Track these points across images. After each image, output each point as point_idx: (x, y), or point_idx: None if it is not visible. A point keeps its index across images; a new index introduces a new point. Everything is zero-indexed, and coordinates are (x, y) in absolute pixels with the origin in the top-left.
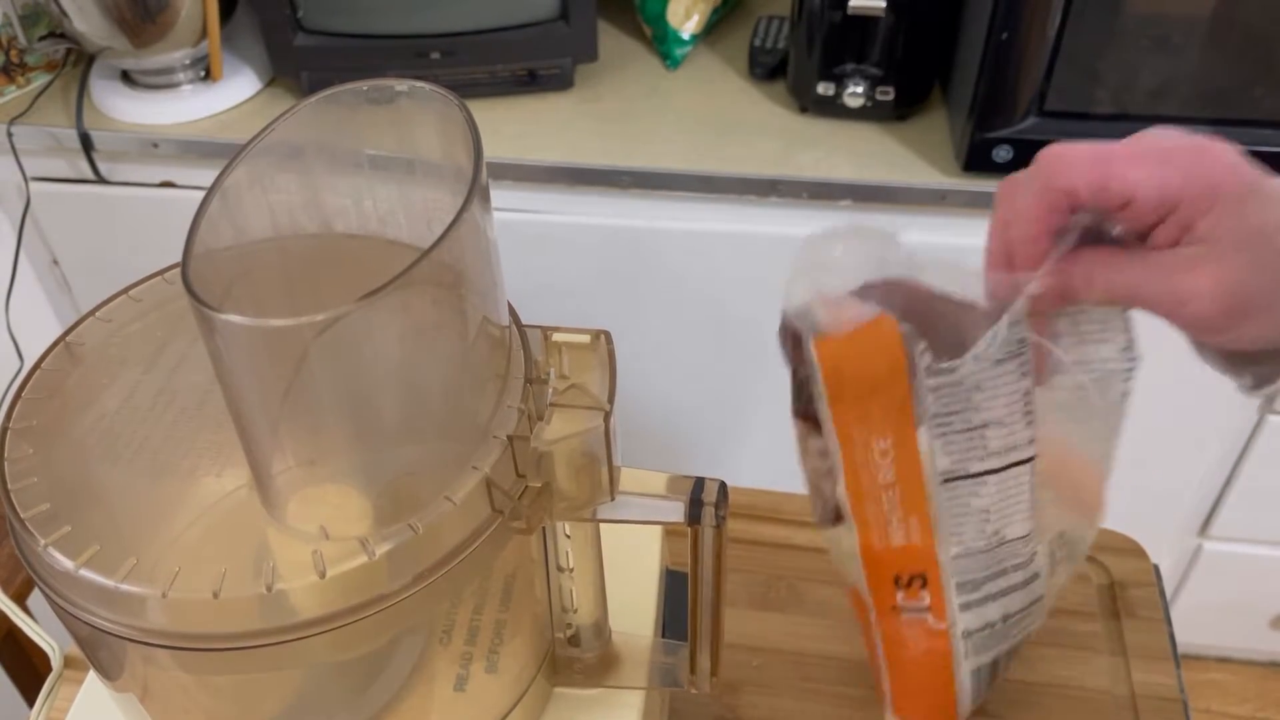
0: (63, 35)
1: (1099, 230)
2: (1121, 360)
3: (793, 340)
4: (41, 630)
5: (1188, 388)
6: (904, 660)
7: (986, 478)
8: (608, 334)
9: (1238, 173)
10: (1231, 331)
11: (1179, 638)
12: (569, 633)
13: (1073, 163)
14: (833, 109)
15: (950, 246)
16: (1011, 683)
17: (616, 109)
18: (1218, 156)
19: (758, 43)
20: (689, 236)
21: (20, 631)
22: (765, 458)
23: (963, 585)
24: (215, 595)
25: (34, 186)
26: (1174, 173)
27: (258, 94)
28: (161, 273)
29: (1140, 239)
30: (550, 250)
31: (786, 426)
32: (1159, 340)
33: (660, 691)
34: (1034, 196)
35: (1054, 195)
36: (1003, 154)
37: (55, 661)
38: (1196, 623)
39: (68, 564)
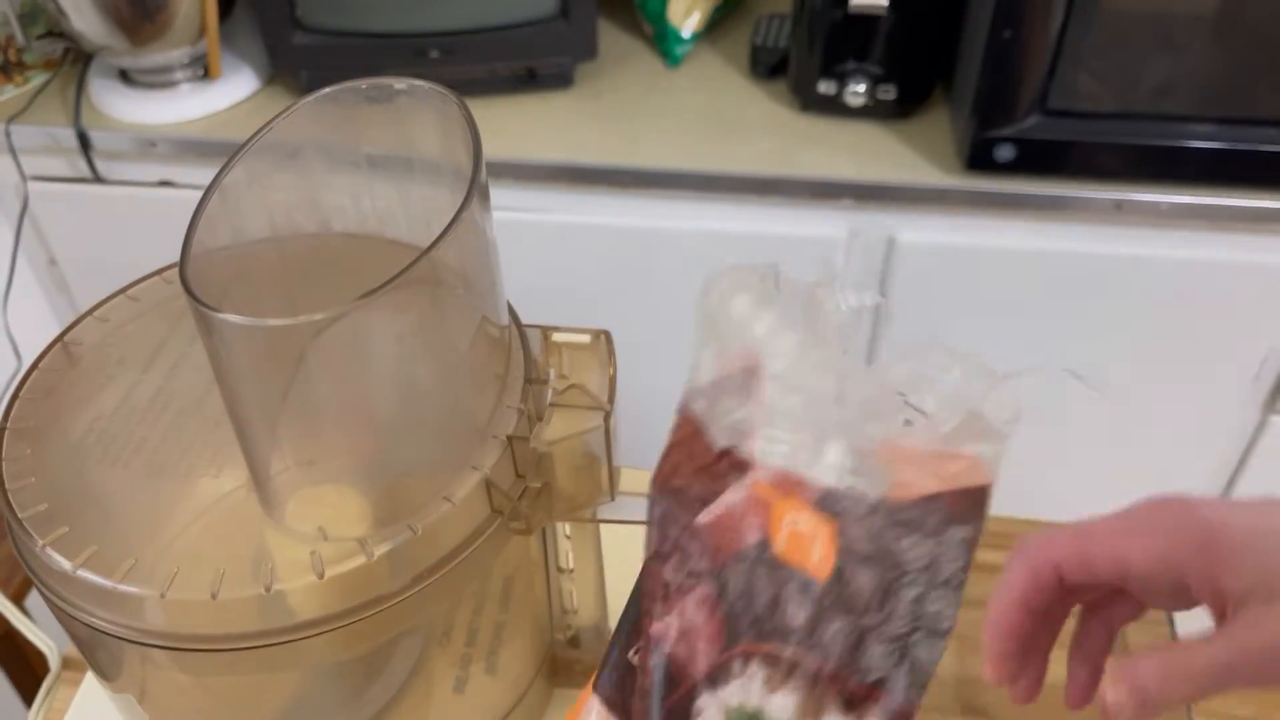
0: (61, 34)
1: None
2: None
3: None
4: (39, 631)
5: (1190, 388)
6: None
7: None
8: (608, 334)
9: (1230, 518)
10: None
11: (1180, 638)
12: (569, 634)
13: (1052, 538)
14: (834, 108)
15: (952, 246)
16: None
17: (617, 108)
18: (1196, 508)
19: (759, 41)
20: (689, 236)
21: (18, 632)
22: None
23: None
24: (213, 596)
25: (32, 186)
26: (1161, 534)
27: (256, 93)
28: (159, 272)
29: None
30: (550, 250)
31: None
32: (1160, 339)
33: None
34: (1014, 569)
35: (1035, 566)
36: (1005, 153)
37: (53, 662)
38: (1199, 623)
39: (66, 564)
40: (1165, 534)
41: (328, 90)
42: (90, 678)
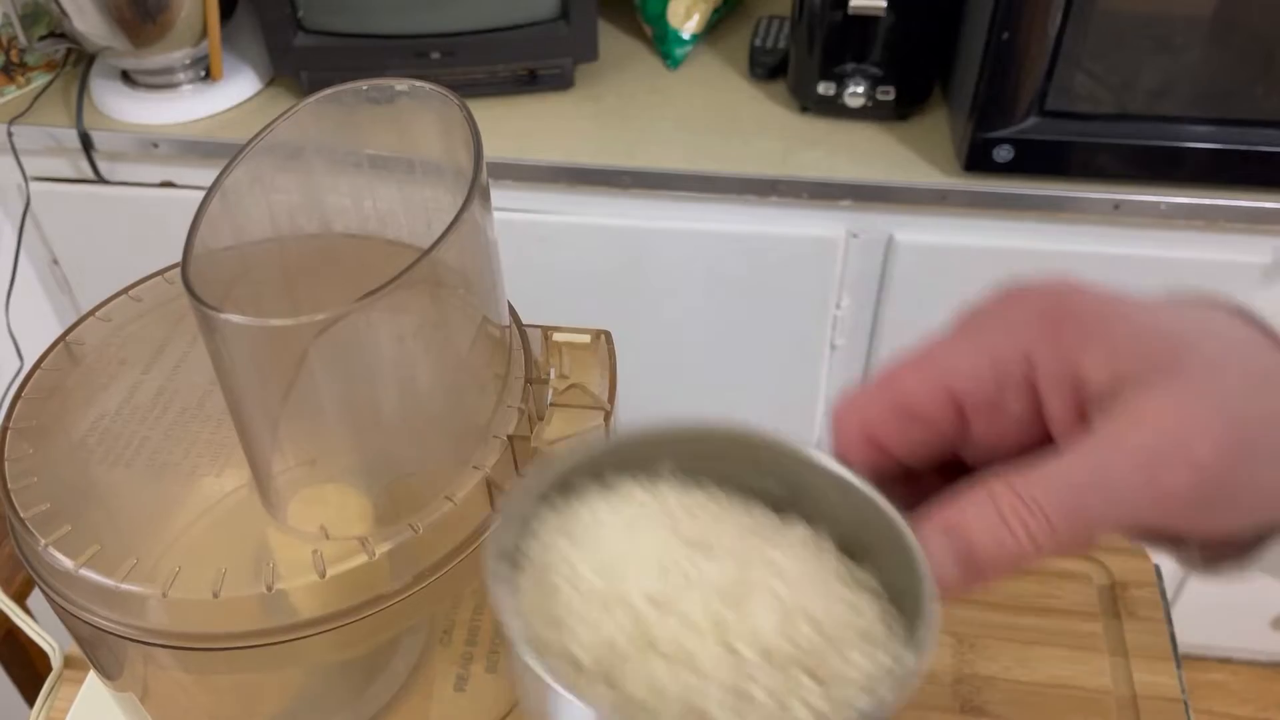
0: (63, 35)
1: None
2: None
3: None
4: (41, 630)
5: None
6: None
7: None
8: (608, 334)
9: (1086, 290)
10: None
11: (1180, 638)
12: None
13: (854, 398)
14: (833, 109)
15: (951, 246)
16: (1012, 683)
17: (617, 109)
18: (1035, 287)
19: (758, 42)
20: (689, 236)
21: (20, 631)
22: None
23: None
24: (215, 595)
25: (34, 186)
26: (992, 331)
27: (258, 94)
28: (161, 272)
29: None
30: (550, 250)
31: (788, 426)
32: None
33: None
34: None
35: (844, 443)
36: (1003, 154)
37: (55, 661)
38: (1198, 623)
39: (68, 563)
40: (998, 330)
41: (329, 91)
42: (92, 677)
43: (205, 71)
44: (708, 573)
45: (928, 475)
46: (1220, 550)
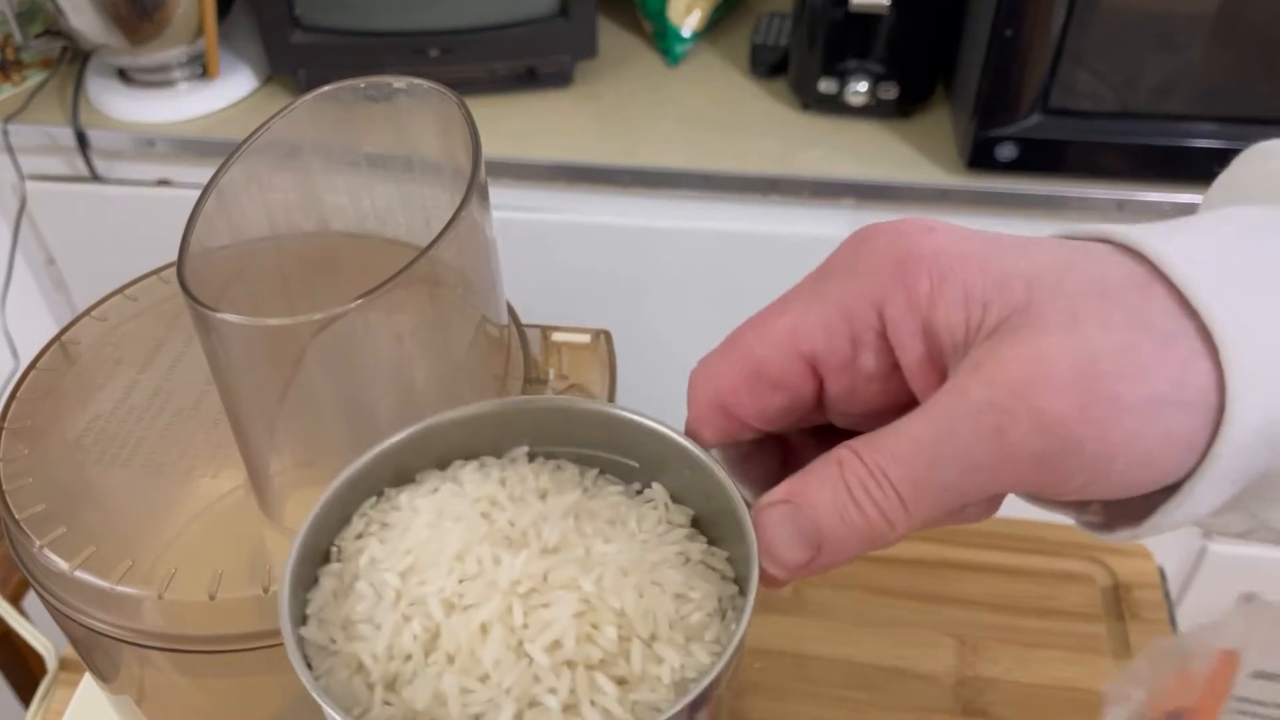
0: (58, 33)
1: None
2: None
3: None
4: (37, 632)
5: None
6: None
7: None
8: (608, 334)
9: (940, 232)
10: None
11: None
12: None
13: (706, 369)
14: (835, 107)
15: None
16: (1014, 684)
17: (616, 106)
18: (881, 231)
19: (759, 40)
20: (689, 236)
21: (15, 633)
22: None
23: None
24: (211, 597)
25: (30, 185)
26: (841, 281)
27: (255, 92)
28: (157, 271)
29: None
30: (550, 250)
31: None
32: None
33: None
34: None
35: (699, 420)
36: (1007, 152)
37: (50, 663)
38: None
39: (63, 565)
40: (848, 282)
41: (326, 89)
42: (88, 679)
43: (202, 69)
44: (510, 570)
45: (802, 444)
46: (1118, 514)
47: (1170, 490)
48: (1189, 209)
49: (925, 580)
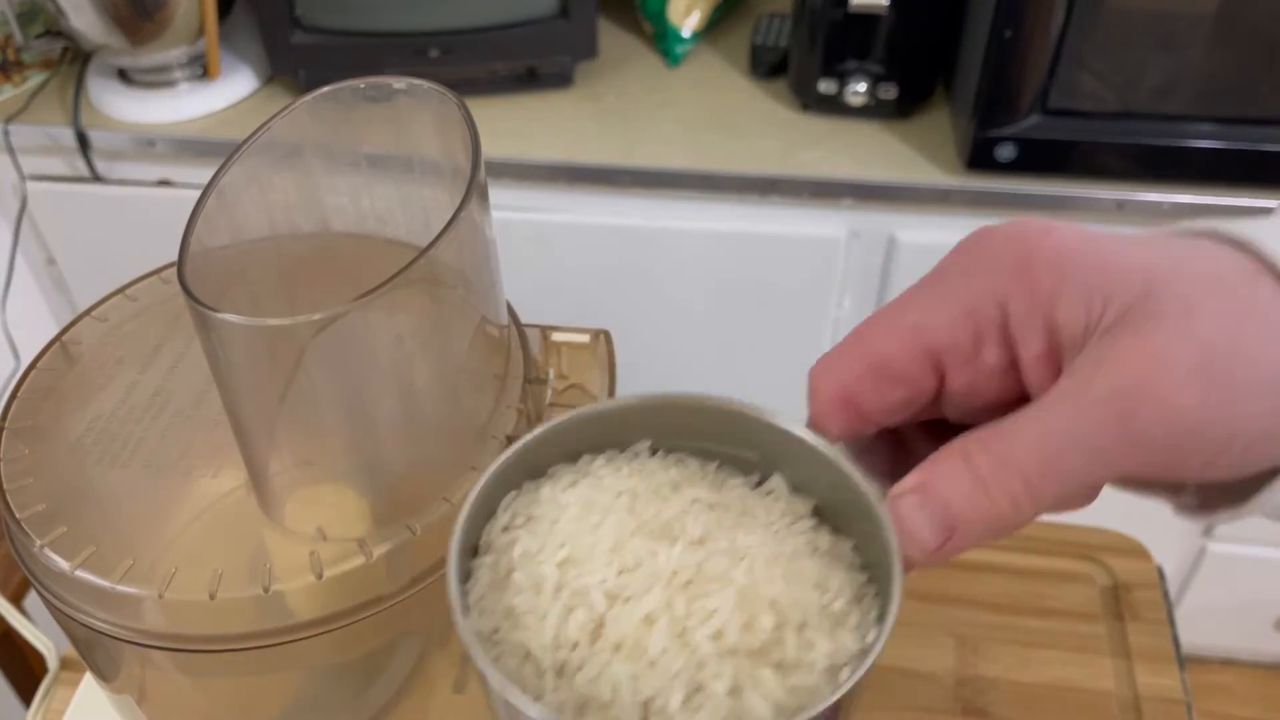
0: (59, 33)
1: None
2: None
3: None
4: (38, 631)
5: None
6: None
7: None
8: (608, 334)
9: (1057, 230)
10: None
11: (1183, 640)
12: None
13: (829, 366)
14: (834, 107)
15: (953, 245)
16: (1014, 684)
17: (616, 107)
18: (1003, 230)
19: (759, 40)
20: (689, 236)
21: (16, 632)
22: None
23: None
24: (211, 596)
25: (30, 185)
26: (962, 286)
27: (255, 92)
28: (158, 272)
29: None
30: (550, 250)
31: None
32: None
33: None
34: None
35: (822, 413)
36: (1006, 152)
37: (51, 662)
38: (1201, 625)
39: (64, 564)
40: (970, 279)
41: (326, 89)
42: (89, 678)
43: (202, 70)
44: (666, 562)
45: (914, 438)
46: (1216, 496)
47: (1274, 472)
48: (1188, 209)
49: (925, 580)
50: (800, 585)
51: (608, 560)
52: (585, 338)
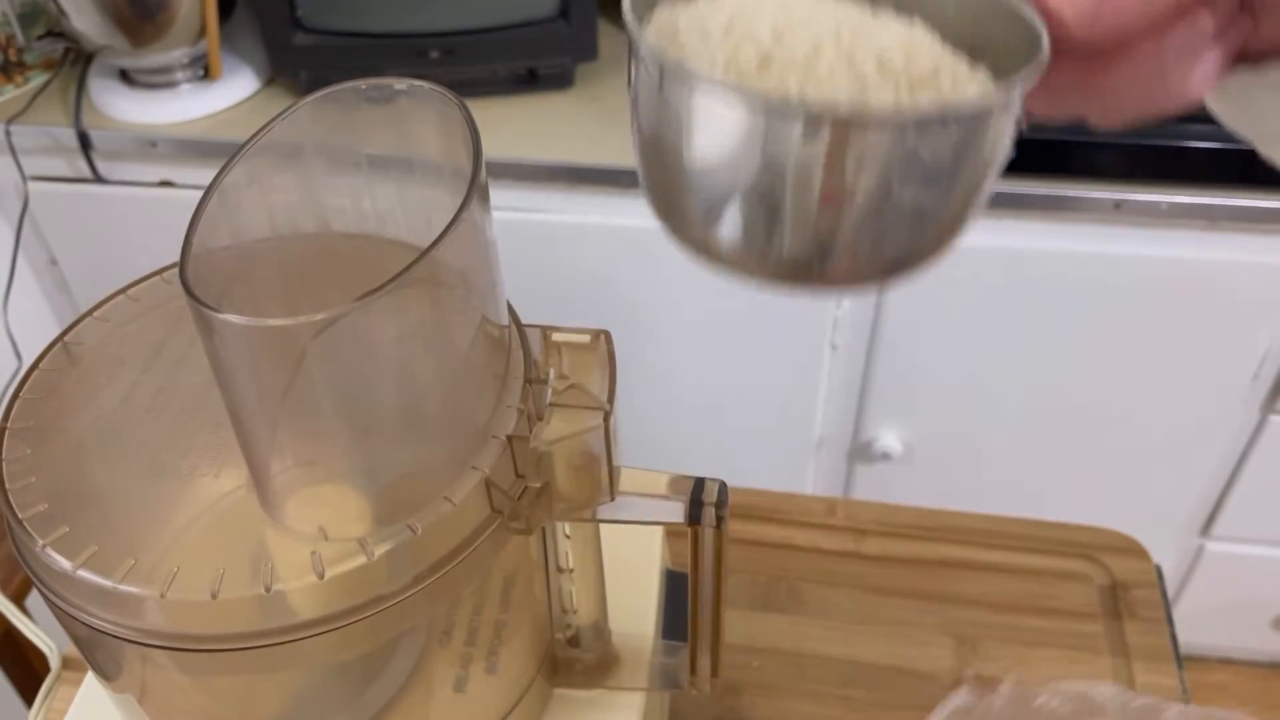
0: (61, 34)
1: None
2: None
3: None
4: (39, 631)
5: (1190, 387)
6: None
7: None
8: (607, 334)
9: None
10: None
11: (1181, 639)
12: (569, 634)
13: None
14: None
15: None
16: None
17: (617, 108)
18: None
19: None
20: None
21: (18, 632)
22: (766, 457)
23: None
24: (213, 596)
25: (32, 186)
26: None
27: (256, 93)
28: (159, 272)
29: None
30: (550, 250)
31: (788, 427)
32: (1159, 338)
33: (660, 693)
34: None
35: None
36: None
37: (53, 662)
38: (1199, 624)
39: (66, 564)
40: None
41: (327, 90)
42: (91, 678)
43: (204, 70)
44: (834, 13)
45: None
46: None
47: None
48: (1188, 209)
49: (924, 579)
50: (952, 55)
51: (774, 13)
52: (585, 338)
